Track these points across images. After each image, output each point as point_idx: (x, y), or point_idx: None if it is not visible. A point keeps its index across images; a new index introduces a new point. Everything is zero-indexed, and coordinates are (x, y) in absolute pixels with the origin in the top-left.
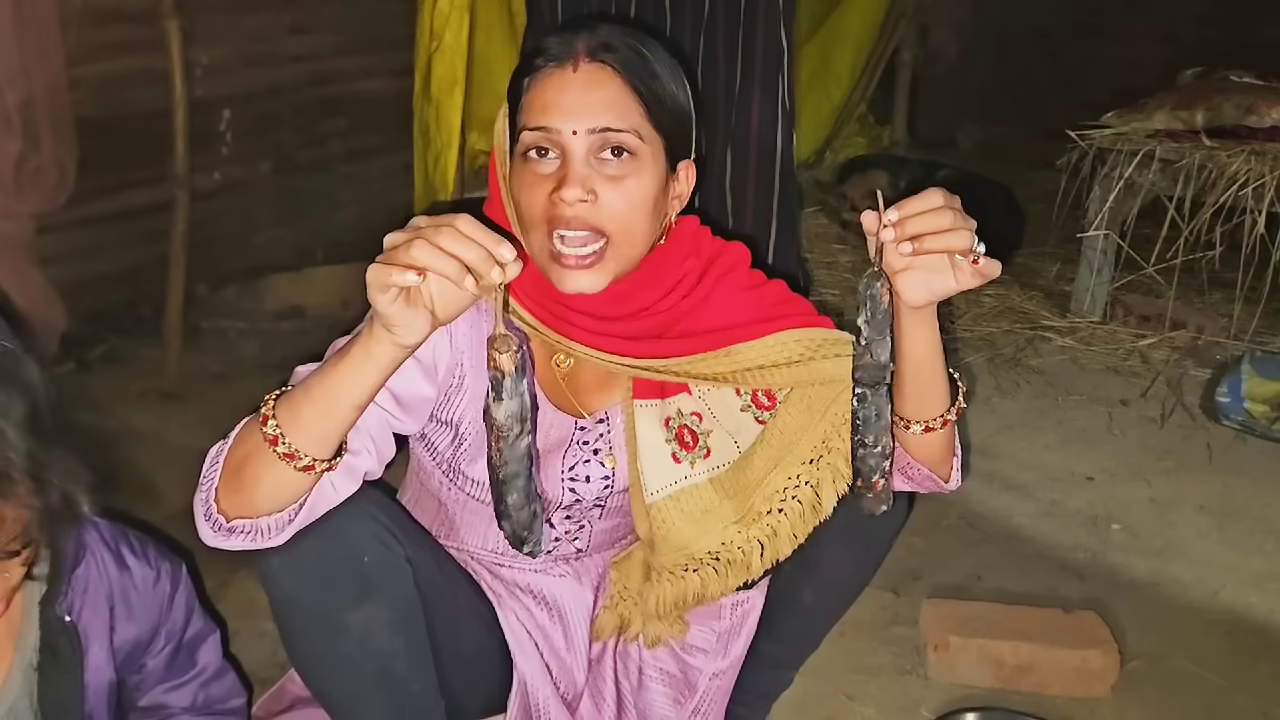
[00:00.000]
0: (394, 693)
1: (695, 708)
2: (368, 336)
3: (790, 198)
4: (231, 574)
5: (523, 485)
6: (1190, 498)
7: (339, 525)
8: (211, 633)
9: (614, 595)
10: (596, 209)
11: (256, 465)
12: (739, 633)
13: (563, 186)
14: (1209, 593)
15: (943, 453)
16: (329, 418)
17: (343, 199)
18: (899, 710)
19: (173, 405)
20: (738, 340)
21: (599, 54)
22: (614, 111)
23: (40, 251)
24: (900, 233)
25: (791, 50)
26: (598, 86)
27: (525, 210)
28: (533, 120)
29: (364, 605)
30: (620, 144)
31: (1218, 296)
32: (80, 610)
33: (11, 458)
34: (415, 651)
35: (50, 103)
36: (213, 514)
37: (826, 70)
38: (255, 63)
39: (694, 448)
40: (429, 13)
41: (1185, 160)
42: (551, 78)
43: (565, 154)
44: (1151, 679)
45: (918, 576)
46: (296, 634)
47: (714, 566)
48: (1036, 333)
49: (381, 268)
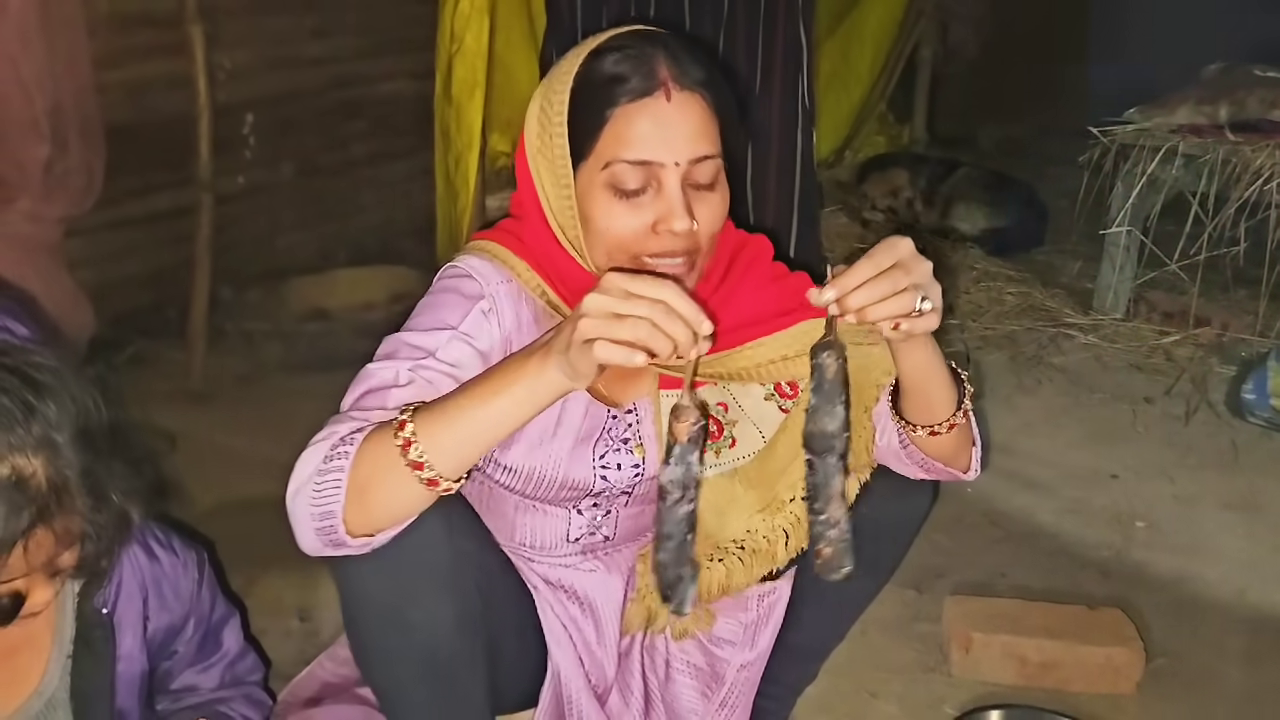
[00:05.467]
0: (451, 692)
1: (723, 700)
2: (537, 375)
3: (811, 195)
4: (261, 573)
5: (674, 547)
6: (1215, 495)
7: (419, 523)
8: (233, 615)
9: (641, 588)
10: (694, 234)
11: (390, 485)
12: (766, 624)
13: (672, 219)
14: (1235, 590)
15: (955, 449)
16: (476, 446)
17: (364, 201)
18: (922, 708)
19: (198, 406)
20: (763, 334)
21: (686, 83)
22: (707, 139)
23: (68, 255)
24: (842, 307)
25: (812, 48)
26: (691, 115)
27: (614, 234)
28: (629, 154)
29: (434, 604)
30: (713, 169)
31: (1242, 293)
32: (115, 602)
33: (68, 474)
34: (475, 652)
35: (78, 108)
36: (336, 530)
37: (846, 69)
38: (277, 66)
39: (719, 438)
40: (449, 15)
41: (1209, 156)
42: (645, 109)
43: (662, 184)
44: (1177, 676)
45: (940, 574)
46: (364, 628)
47: (739, 556)
48: (1059, 330)
49: (605, 344)
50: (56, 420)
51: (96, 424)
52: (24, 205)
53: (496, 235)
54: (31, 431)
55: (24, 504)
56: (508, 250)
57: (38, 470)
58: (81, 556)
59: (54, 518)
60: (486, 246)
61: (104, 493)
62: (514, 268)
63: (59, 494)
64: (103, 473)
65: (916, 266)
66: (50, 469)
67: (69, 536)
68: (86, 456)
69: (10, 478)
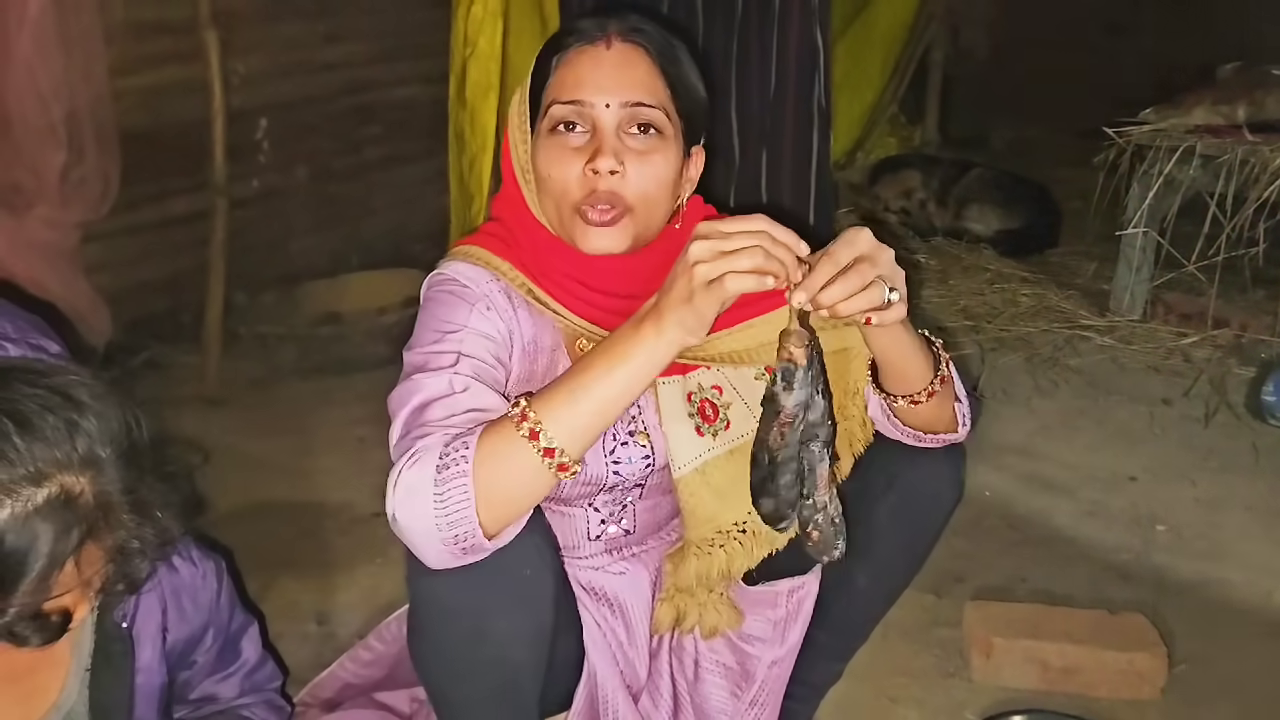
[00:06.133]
0: (513, 703)
1: (753, 699)
2: (655, 338)
3: (827, 198)
4: (277, 577)
5: (795, 468)
6: (1237, 498)
7: None
8: (251, 624)
9: (669, 588)
10: (624, 182)
11: (519, 477)
12: (796, 619)
13: (596, 157)
14: (1259, 594)
15: (937, 414)
16: (602, 421)
17: (377, 205)
18: (942, 713)
19: (213, 411)
20: (755, 315)
21: (631, 35)
22: (645, 89)
23: (85, 260)
24: (815, 305)
25: (827, 49)
26: (630, 64)
27: (555, 182)
28: (565, 94)
29: (512, 615)
30: (649, 120)
31: (1261, 294)
32: (134, 615)
33: (112, 490)
34: (539, 664)
35: (94, 114)
36: (473, 535)
37: (857, 70)
38: (291, 72)
39: (715, 420)
40: (463, 19)
41: (1227, 156)
42: (584, 54)
43: (596, 127)
44: (1201, 682)
45: (960, 579)
46: (436, 634)
47: (739, 540)
48: (1075, 332)
49: (735, 276)
50: (100, 437)
51: (138, 440)
52: (41, 211)
53: (478, 239)
54: (77, 449)
55: (74, 522)
56: (488, 251)
57: (85, 488)
58: (126, 572)
59: (102, 534)
60: (469, 251)
61: (147, 508)
62: (498, 268)
63: (106, 511)
64: (145, 488)
65: (880, 256)
66: (96, 486)
67: (116, 552)
68: (130, 473)
69: (59, 496)
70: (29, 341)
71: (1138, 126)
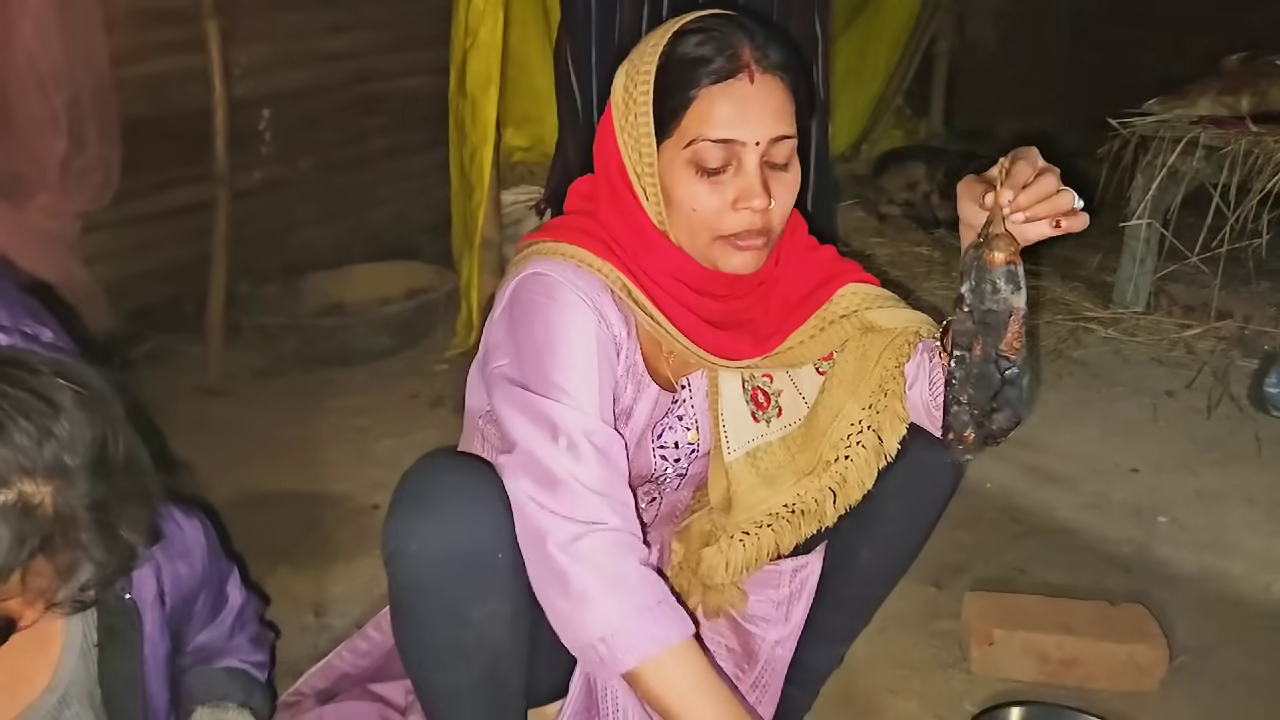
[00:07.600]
0: (494, 689)
1: (756, 680)
2: None
3: (827, 190)
4: (276, 567)
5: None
6: (1239, 490)
7: (480, 517)
8: (232, 569)
9: (675, 566)
10: (770, 213)
11: None
12: (799, 598)
13: (751, 196)
14: (1259, 586)
15: None
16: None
17: (381, 196)
18: (941, 705)
19: (215, 401)
20: (803, 318)
21: (767, 66)
22: (785, 120)
23: (86, 250)
24: (1015, 206)
25: (827, 40)
26: (770, 95)
27: (701, 215)
28: (713, 133)
29: (491, 600)
30: (789, 149)
31: (1265, 285)
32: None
33: (76, 505)
34: (520, 650)
35: (96, 103)
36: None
37: (862, 62)
38: (295, 61)
39: (768, 407)
40: (464, 10)
41: (1231, 147)
42: (729, 90)
43: (742, 163)
44: (1201, 674)
45: (960, 570)
46: (417, 621)
47: (787, 519)
48: (1078, 324)
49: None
50: (72, 445)
51: (113, 452)
52: (42, 200)
53: (565, 235)
54: (44, 456)
55: (29, 533)
56: (583, 249)
57: (46, 499)
58: (78, 589)
59: (57, 549)
60: (563, 249)
61: (112, 527)
62: (598, 269)
63: (65, 526)
64: (113, 504)
65: (1056, 170)
66: (59, 498)
67: (69, 569)
68: (99, 487)
69: (17, 504)
70: (21, 330)
71: (1142, 118)
